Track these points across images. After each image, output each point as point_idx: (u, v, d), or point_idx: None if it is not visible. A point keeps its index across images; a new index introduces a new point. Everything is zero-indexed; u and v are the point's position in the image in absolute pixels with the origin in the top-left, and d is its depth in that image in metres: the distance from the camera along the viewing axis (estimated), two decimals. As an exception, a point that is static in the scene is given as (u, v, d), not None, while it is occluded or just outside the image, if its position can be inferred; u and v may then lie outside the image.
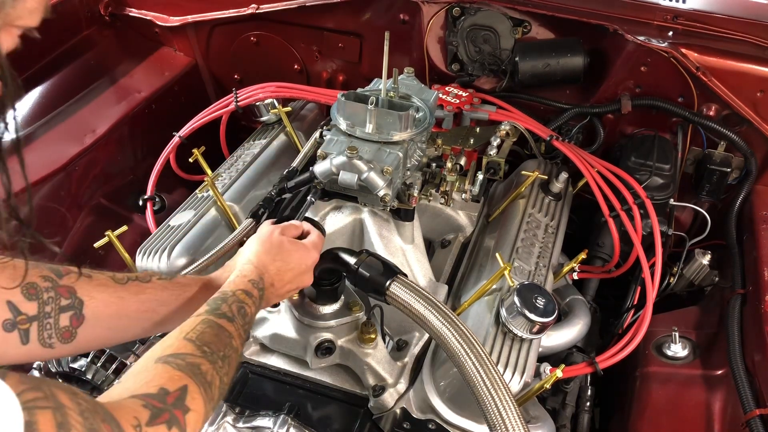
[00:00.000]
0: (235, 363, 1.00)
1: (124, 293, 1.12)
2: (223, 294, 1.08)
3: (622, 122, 2.08)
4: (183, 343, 0.94)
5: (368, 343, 1.39)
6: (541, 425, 1.41)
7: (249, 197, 1.83)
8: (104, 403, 0.77)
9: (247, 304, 1.08)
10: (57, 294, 1.03)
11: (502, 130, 1.87)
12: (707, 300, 1.85)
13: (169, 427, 0.82)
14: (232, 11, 2.28)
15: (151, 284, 1.16)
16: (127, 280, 1.13)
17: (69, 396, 0.72)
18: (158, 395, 0.84)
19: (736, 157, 1.97)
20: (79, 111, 2.17)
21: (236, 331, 1.03)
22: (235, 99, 2.07)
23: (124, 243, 1.59)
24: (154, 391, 0.84)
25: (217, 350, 0.96)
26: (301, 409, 1.40)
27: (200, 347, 0.94)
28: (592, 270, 1.87)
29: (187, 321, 1.00)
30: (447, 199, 1.69)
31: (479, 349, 1.16)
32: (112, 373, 1.52)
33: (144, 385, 0.85)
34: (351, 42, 2.26)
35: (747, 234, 1.86)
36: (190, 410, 0.86)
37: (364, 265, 1.27)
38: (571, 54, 1.96)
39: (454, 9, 2.04)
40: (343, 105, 1.52)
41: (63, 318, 1.03)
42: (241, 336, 1.04)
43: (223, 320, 1.01)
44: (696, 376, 1.56)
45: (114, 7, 2.41)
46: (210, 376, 0.92)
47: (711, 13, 1.84)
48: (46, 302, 1.01)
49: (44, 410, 0.68)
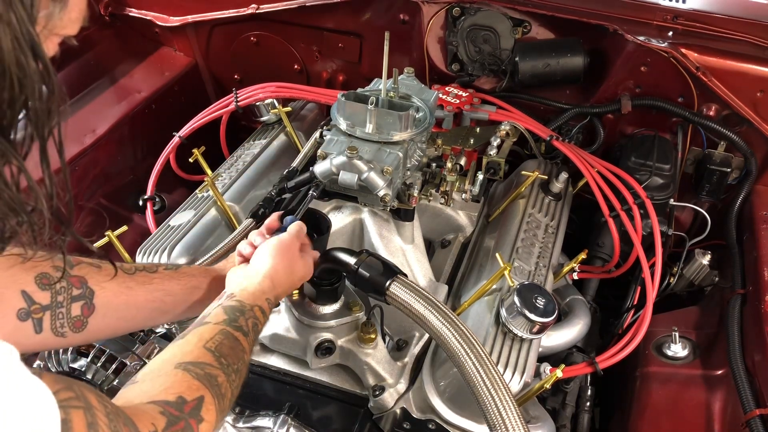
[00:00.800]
0: (244, 377, 1.02)
1: (132, 283, 1.14)
2: (241, 305, 1.08)
3: (622, 122, 2.08)
4: (202, 352, 0.95)
5: (368, 343, 1.39)
6: (541, 425, 1.41)
7: (249, 197, 1.83)
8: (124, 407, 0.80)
9: (260, 322, 1.10)
10: (69, 284, 1.05)
11: (502, 130, 1.87)
12: (707, 300, 1.85)
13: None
14: (232, 11, 2.28)
15: (158, 274, 1.19)
16: (135, 271, 1.16)
17: (96, 398, 0.75)
18: (176, 403, 0.86)
19: (736, 157, 1.97)
20: (79, 111, 2.17)
21: (248, 346, 1.04)
22: (235, 99, 2.07)
23: (124, 243, 1.59)
24: (172, 399, 0.86)
25: (232, 363, 0.97)
26: (301, 409, 1.40)
27: (218, 358, 0.96)
28: (592, 270, 1.87)
29: (205, 328, 1.01)
30: (447, 199, 1.69)
31: (479, 349, 1.16)
32: (112, 373, 1.52)
33: (163, 391, 0.87)
34: (351, 42, 2.26)
35: (747, 234, 1.86)
36: (204, 420, 0.88)
37: (364, 265, 1.27)
38: (571, 54, 1.96)
39: (454, 9, 2.04)
40: (343, 105, 1.52)
41: (75, 307, 1.06)
42: (250, 353, 1.05)
43: (239, 333, 1.02)
44: (696, 376, 1.56)
45: (114, 7, 2.40)
46: (224, 388, 0.94)
47: (711, 13, 1.84)
48: (59, 292, 1.04)
49: (77, 409, 0.71)
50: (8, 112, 0.64)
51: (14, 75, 0.62)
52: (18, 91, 0.63)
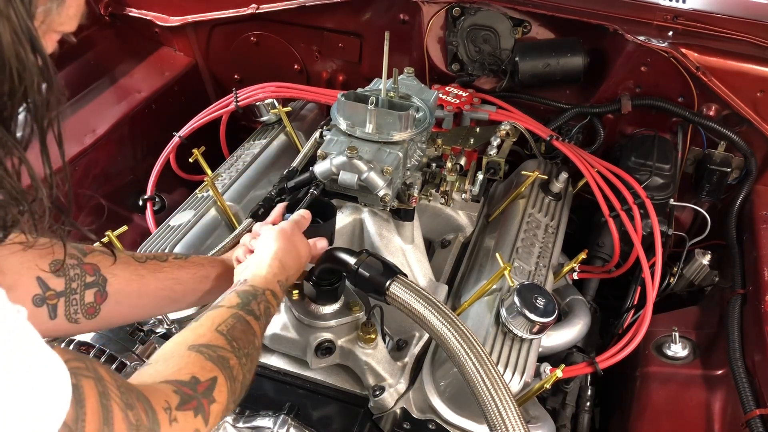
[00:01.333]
0: (256, 361, 1.03)
1: (143, 271, 1.16)
2: (254, 289, 1.09)
3: (622, 122, 2.08)
4: (215, 335, 0.96)
5: (368, 343, 1.39)
6: (541, 425, 1.41)
7: (249, 197, 1.83)
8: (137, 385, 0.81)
9: (272, 305, 1.11)
10: (83, 271, 1.08)
11: (502, 130, 1.87)
12: (707, 300, 1.85)
13: (195, 415, 0.86)
14: (232, 11, 2.28)
15: (168, 263, 1.21)
16: (146, 259, 1.19)
17: (107, 371, 0.77)
18: (190, 383, 0.87)
19: (736, 157, 1.97)
20: (79, 111, 2.17)
21: (260, 330, 1.05)
22: (235, 99, 2.07)
23: (124, 243, 1.59)
24: (186, 379, 0.87)
25: (243, 347, 0.98)
26: (301, 409, 1.40)
27: (230, 342, 0.97)
28: (592, 270, 1.87)
29: (218, 311, 1.02)
30: (447, 199, 1.69)
31: (479, 349, 1.16)
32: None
33: (177, 371, 0.88)
34: (351, 42, 2.26)
35: (747, 234, 1.86)
36: (215, 401, 0.89)
37: (364, 265, 1.27)
38: (571, 54, 1.96)
39: (454, 9, 2.04)
40: (343, 105, 1.52)
41: (88, 294, 1.08)
42: (261, 336, 1.06)
43: (251, 317, 1.04)
44: (696, 376, 1.56)
45: (114, 7, 2.40)
46: (236, 371, 0.95)
47: (711, 13, 1.84)
48: (73, 279, 1.06)
49: (88, 378, 0.73)
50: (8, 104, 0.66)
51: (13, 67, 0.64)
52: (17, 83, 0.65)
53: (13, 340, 0.65)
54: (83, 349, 1.52)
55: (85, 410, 0.71)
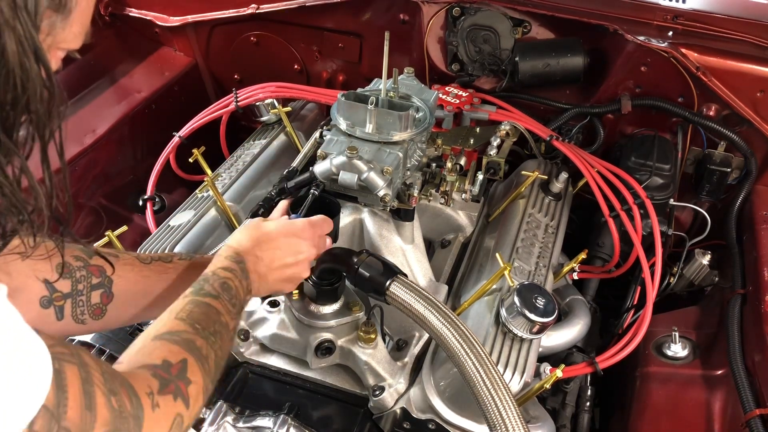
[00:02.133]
0: (228, 338, 1.04)
1: (148, 272, 1.17)
2: (204, 276, 1.10)
3: (622, 122, 2.08)
4: (176, 323, 0.98)
5: (368, 343, 1.39)
6: (541, 425, 1.41)
7: (249, 197, 1.83)
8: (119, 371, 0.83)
9: (229, 278, 1.10)
10: (89, 273, 1.09)
11: (502, 130, 1.87)
12: (707, 300, 1.84)
13: (174, 398, 0.87)
14: (232, 11, 2.28)
15: (173, 264, 1.21)
16: (150, 261, 1.19)
17: (92, 358, 0.78)
18: (163, 366, 0.89)
19: (736, 157, 1.97)
20: (79, 111, 2.17)
21: (224, 307, 1.05)
22: (235, 99, 2.07)
23: (124, 243, 1.59)
24: (158, 362, 0.89)
25: (206, 327, 0.99)
26: (301, 409, 1.40)
27: (191, 324, 0.98)
28: (592, 270, 1.87)
29: (175, 303, 1.03)
30: (447, 199, 1.69)
31: (479, 349, 1.16)
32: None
33: (147, 357, 0.90)
34: (351, 42, 2.26)
35: (747, 234, 1.86)
36: (191, 382, 0.90)
37: (364, 265, 1.27)
38: (571, 54, 1.96)
39: (454, 9, 2.04)
40: (343, 105, 1.52)
41: (94, 295, 1.09)
42: (230, 311, 1.06)
43: (208, 298, 1.04)
44: (696, 376, 1.56)
45: (114, 7, 2.40)
46: (205, 350, 0.96)
47: (711, 13, 1.84)
48: (79, 280, 1.07)
49: (71, 364, 0.74)
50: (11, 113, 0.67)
51: (18, 77, 0.65)
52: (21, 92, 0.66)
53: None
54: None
55: (67, 395, 0.72)
